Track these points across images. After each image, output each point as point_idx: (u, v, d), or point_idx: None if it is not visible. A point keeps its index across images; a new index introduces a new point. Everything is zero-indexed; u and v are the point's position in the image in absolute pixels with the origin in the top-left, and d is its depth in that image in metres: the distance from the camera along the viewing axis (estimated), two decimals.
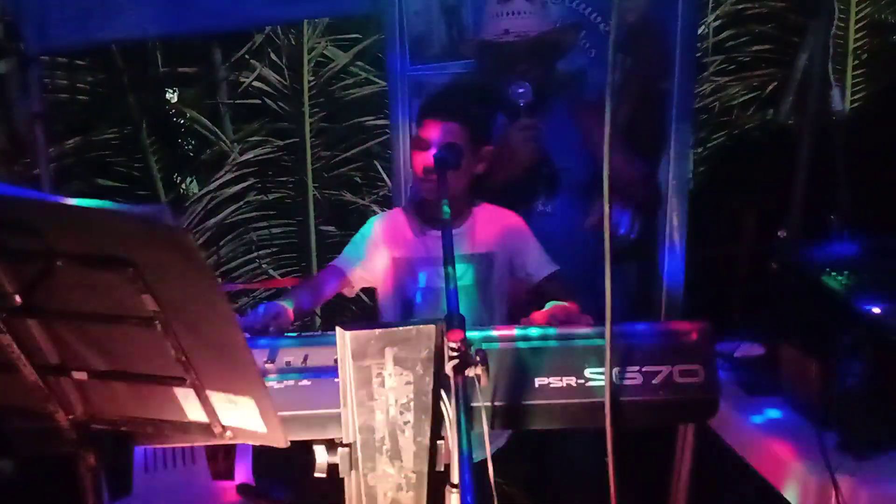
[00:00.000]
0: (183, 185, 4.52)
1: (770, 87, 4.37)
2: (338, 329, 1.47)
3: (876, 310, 1.99)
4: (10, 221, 1.10)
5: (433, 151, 2.09)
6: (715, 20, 4.24)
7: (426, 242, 2.25)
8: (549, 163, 2.69)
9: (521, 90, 2.56)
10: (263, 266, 4.41)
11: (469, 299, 2.20)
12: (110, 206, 1.05)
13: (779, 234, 2.65)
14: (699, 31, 4.18)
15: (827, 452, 1.92)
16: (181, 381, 1.25)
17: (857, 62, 4.18)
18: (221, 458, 2.84)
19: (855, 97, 4.18)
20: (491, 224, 2.29)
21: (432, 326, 1.45)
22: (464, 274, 2.22)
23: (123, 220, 1.07)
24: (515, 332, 1.73)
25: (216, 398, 1.28)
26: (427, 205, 2.26)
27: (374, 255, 2.28)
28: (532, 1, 2.62)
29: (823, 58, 3.11)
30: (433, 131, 2.14)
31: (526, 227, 2.33)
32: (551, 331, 1.74)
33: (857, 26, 4.14)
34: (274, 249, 4.45)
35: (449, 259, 1.55)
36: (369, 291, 2.47)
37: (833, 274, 2.11)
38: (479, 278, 2.24)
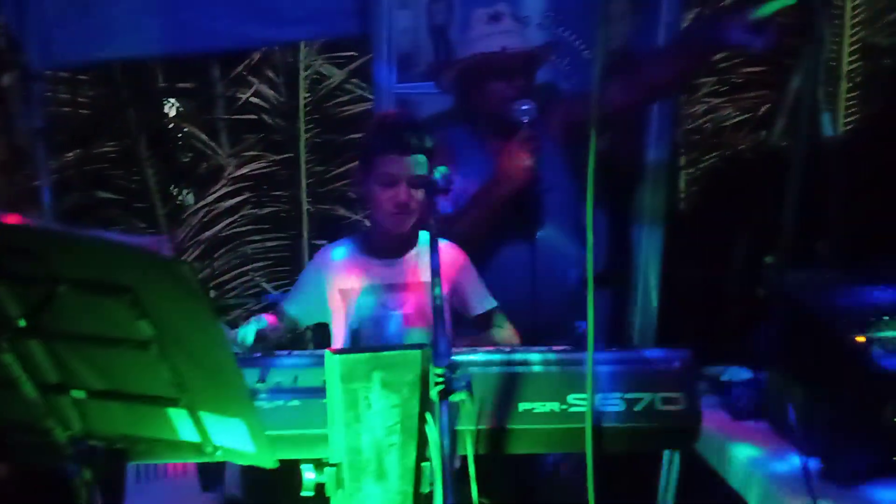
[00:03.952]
0: (179, 198, 4.55)
1: (763, 109, 4.38)
2: (327, 352, 1.52)
3: (861, 339, 2.02)
4: (16, 248, 1.15)
5: (403, 187, 2.10)
6: None
7: (373, 272, 2.25)
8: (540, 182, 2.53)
9: (525, 107, 2.38)
10: (257, 279, 4.43)
11: (409, 327, 2.21)
12: (113, 237, 1.10)
13: (765, 259, 2.67)
14: None
15: (810, 480, 1.94)
16: (175, 402, 1.30)
17: (850, 85, 4.19)
18: (212, 471, 2.88)
19: (848, 120, 4.20)
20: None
21: (418, 351, 1.50)
22: (405, 302, 2.22)
23: (125, 251, 1.12)
24: (501, 356, 1.77)
25: (208, 419, 1.32)
26: (383, 236, 2.26)
27: (323, 290, 2.27)
28: (518, 20, 2.61)
29: (814, 83, 3.14)
30: (403, 166, 2.12)
31: (468, 260, 2.32)
32: (538, 356, 1.78)
33: (850, 49, 4.15)
34: (268, 263, 4.46)
35: (435, 281, 1.59)
36: None
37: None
38: (420, 307, 2.23)
